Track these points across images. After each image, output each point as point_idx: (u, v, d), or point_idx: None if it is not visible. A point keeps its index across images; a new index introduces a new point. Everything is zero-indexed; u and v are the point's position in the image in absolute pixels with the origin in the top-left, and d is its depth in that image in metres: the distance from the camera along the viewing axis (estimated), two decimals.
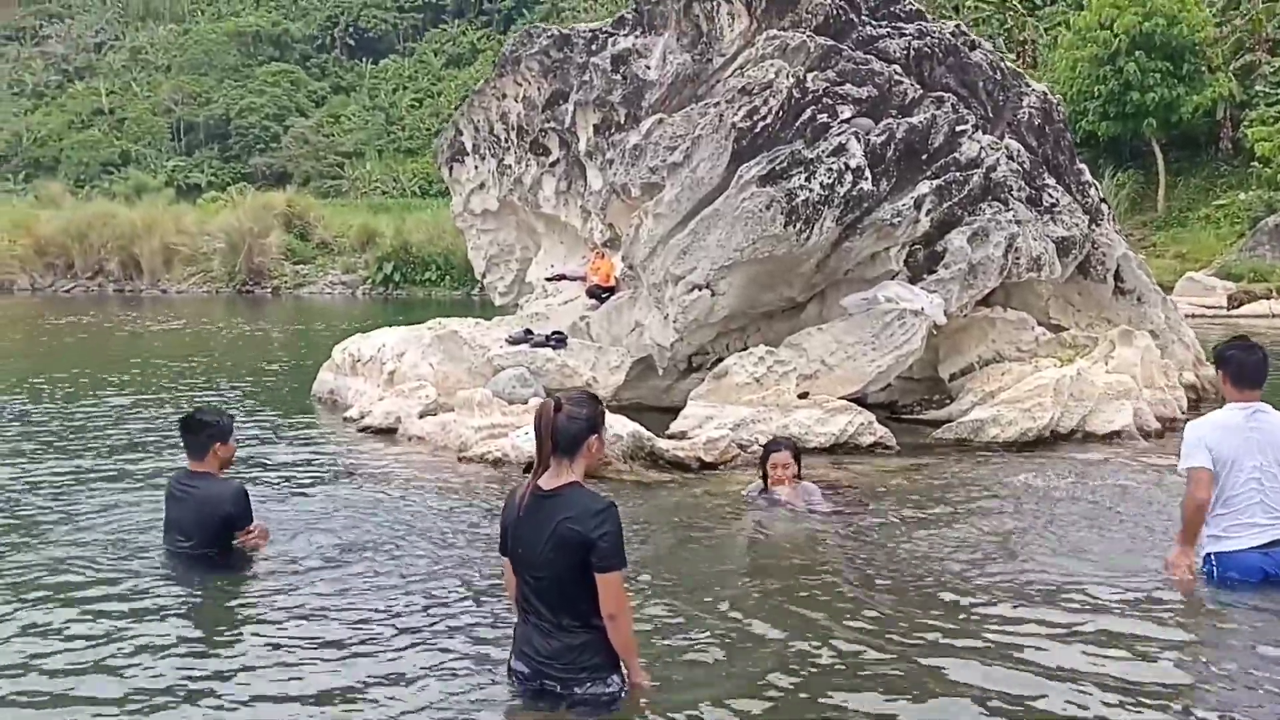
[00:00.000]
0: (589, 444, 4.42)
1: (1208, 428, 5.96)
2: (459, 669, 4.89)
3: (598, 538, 4.25)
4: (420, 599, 5.76)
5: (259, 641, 5.14)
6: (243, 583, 6.05)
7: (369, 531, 7.03)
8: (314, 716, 4.41)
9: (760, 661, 4.87)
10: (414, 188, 57.31)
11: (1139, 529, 7.01)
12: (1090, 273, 12.63)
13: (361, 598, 5.75)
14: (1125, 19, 32.83)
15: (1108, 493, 7.99)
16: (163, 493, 6.64)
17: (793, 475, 7.66)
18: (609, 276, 12.64)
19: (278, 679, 4.73)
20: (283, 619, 5.39)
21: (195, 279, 38.85)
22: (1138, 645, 4.97)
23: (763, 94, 10.69)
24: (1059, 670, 4.66)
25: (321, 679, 4.72)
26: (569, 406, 4.44)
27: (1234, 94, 33.81)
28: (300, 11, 77.88)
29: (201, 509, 6.26)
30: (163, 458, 9.44)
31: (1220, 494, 5.82)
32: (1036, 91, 12.87)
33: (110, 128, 70.26)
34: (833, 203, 10.43)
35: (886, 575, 6.13)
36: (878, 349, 10.65)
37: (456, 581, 6.07)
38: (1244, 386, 5.89)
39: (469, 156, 14.95)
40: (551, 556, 4.32)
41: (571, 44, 13.58)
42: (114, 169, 65.36)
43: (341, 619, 5.42)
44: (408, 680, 4.74)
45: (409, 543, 6.84)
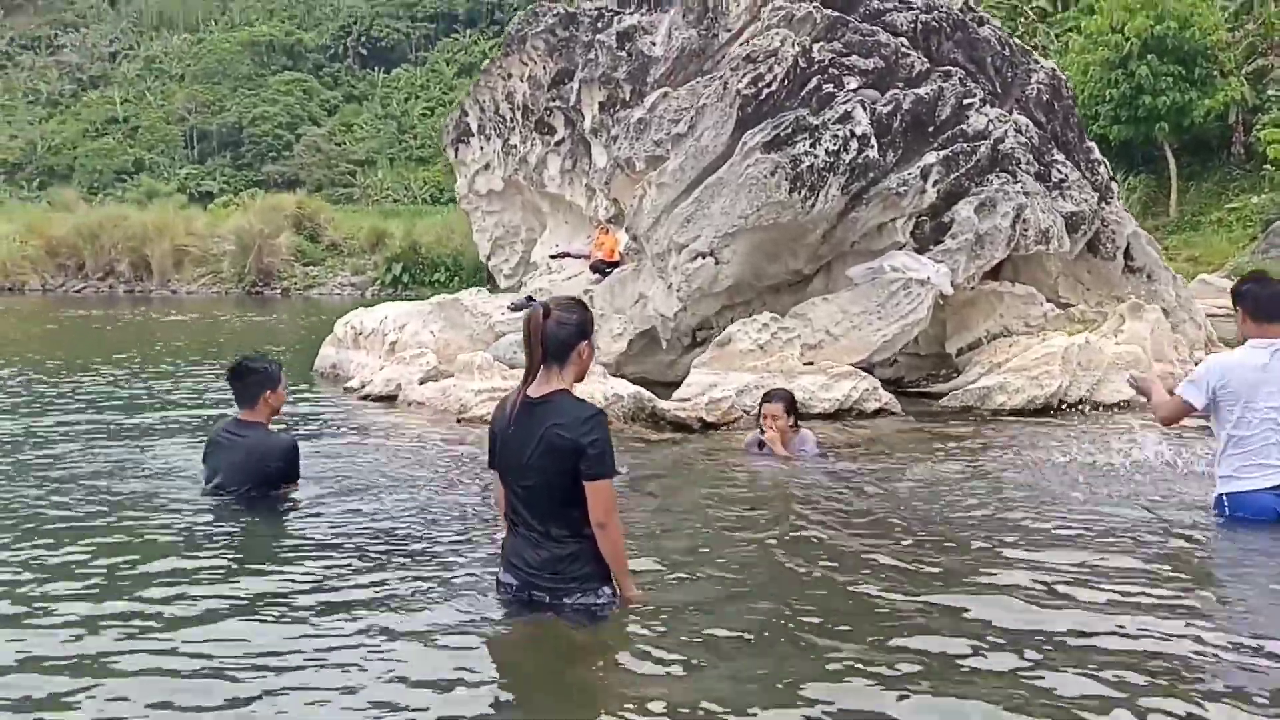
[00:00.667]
0: (579, 350, 4.32)
1: (1218, 364, 5.84)
2: (451, 586, 4.79)
3: (587, 444, 4.15)
4: (416, 528, 5.70)
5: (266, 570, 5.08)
6: (265, 519, 5.96)
7: (361, 479, 6.93)
8: (309, 623, 4.33)
9: (747, 598, 4.73)
10: (425, 195, 57.48)
11: (1144, 485, 6.85)
12: (1100, 250, 12.50)
13: (363, 527, 5.70)
14: (1137, 22, 32.73)
15: (1118, 450, 7.85)
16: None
17: (788, 425, 7.57)
18: (613, 252, 12.57)
19: (278, 595, 4.66)
20: (290, 555, 5.30)
21: (205, 280, 38.92)
22: (1147, 581, 4.82)
23: (768, 61, 10.61)
24: (1076, 604, 4.51)
25: (321, 595, 4.66)
26: (558, 312, 4.34)
27: (1246, 98, 33.65)
28: (314, 21, 78.38)
29: (250, 457, 6.09)
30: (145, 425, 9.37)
31: (1233, 433, 5.69)
32: (1045, 68, 12.78)
33: (124, 136, 70.65)
34: (838, 170, 10.33)
35: (869, 516, 6.05)
36: (884, 318, 10.54)
37: (453, 514, 6.01)
38: (1263, 319, 5.70)
39: (474, 137, 14.91)
40: (541, 464, 4.23)
41: (577, 22, 13.57)
42: (127, 177, 65.66)
43: (344, 543, 5.37)
44: (400, 598, 4.64)
45: (402, 484, 6.77)
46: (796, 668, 3.80)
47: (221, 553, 5.27)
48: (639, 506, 6.25)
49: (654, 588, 4.69)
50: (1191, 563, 5.26)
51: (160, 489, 6.52)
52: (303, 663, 3.89)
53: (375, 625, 4.26)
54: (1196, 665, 3.76)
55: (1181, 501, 6.25)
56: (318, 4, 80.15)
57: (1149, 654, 3.84)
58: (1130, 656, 3.81)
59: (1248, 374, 5.65)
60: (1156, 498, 6.41)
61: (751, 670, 3.80)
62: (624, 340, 10.92)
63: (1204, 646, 3.93)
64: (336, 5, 79.30)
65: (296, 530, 5.73)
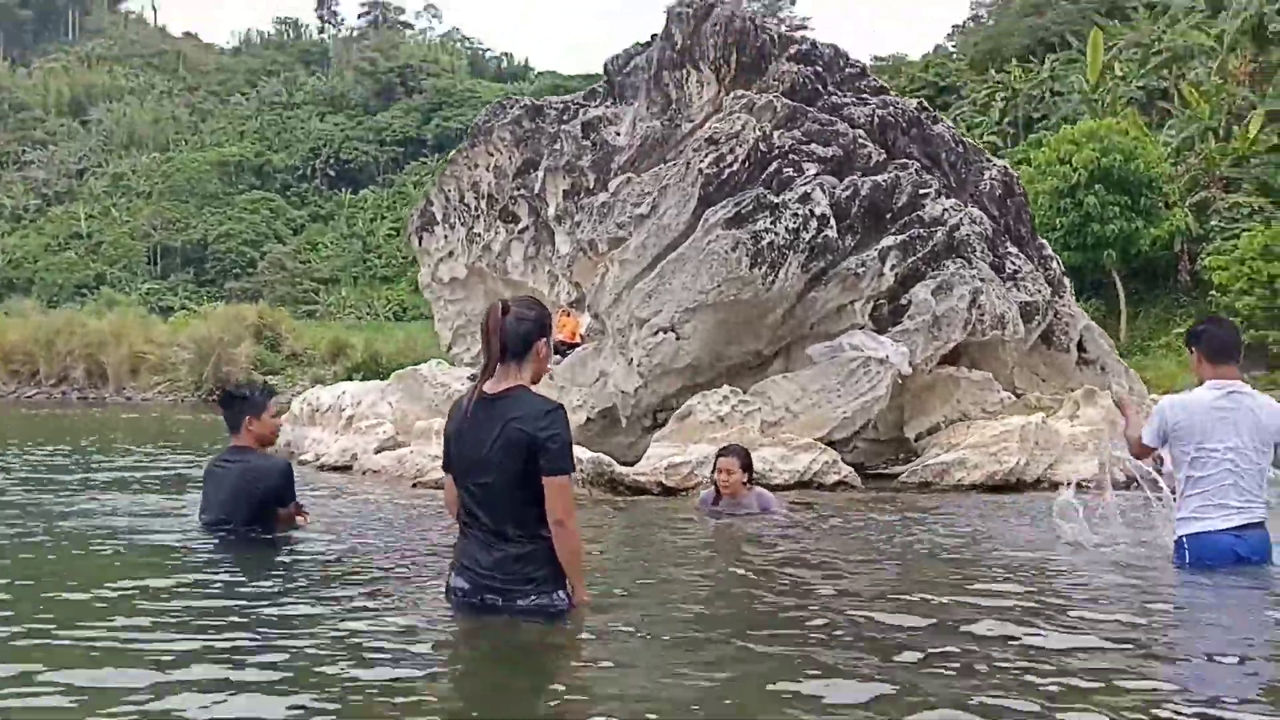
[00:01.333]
0: (537, 347, 4.27)
1: (1175, 405, 5.82)
2: (403, 596, 4.65)
3: (546, 438, 4.08)
4: (367, 554, 5.55)
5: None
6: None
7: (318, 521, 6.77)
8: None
9: (694, 613, 4.63)
10: (388, 313, 57.65)
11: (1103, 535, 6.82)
12: (1054, 342, 12.70)
13: (315, 552, 5.53)
14: (1084, 154, 33.92)
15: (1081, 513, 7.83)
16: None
17: (741, 481, 7.51)
18: (574, 334, 12.62)
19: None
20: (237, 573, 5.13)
21: (161, 387, 38.49)
22: (1106, 626, 4.64)
23: (729, 143, 10.88)
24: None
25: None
26: (517, 308, 4.32)
27: (1190, 228, 34.76)
28: (283, 143, 79.65)
29: (238, 483, 5.94)
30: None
31: (1190, 473, 5.66)
32: (998, 166, 13.19)
33: (87, 251, 70.71)
34: (798, 248, 10.51)
35: (820, 556, 5.98)
36: (843, 396, 10.59)
37: (401, 545, 5.87)
38: (1218, 361, 5.70)
39: (439, 226, 15.05)
40: (498, 459, 4.13)
41: (543, 114, 13.87)
42: (87, 291, 65.46)
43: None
44: (353, 611, 4.50)
45: (356, 524, 6.62)
46: (740, 673, 3.65)
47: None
48: (591, 549, 6.12)
49: (604, 605, 4.58)
50: (1143, 608, 5.14)
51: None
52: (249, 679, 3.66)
53: (325, 636, 4.08)
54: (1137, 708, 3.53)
55: (1142, 549, 6.21)
56: (288, 126, 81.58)
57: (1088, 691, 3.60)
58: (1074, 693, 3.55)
59: (1203, 414, 5.66)
60: (1117, 544, 6.38)
61: (699, 675, 3.65)
62: (583, 414, 10.87)
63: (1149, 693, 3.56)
64: (307, 128, 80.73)
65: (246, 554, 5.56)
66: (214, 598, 4.67)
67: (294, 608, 4.54)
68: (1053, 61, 47.80)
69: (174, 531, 6.26)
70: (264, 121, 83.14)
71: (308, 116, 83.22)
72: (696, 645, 3.96)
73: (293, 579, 5.11)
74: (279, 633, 4.08)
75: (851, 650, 3.81)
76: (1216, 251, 32.67)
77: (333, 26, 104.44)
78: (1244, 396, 5.65)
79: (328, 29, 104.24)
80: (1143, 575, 5.59)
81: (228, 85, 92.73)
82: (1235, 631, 4.47)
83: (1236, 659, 3.95)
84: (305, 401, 12.65)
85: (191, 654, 3.65)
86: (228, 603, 4.56)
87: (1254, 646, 4.21)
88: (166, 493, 8.61)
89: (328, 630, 4.10)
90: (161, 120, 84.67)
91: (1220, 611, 4.87)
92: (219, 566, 5.47)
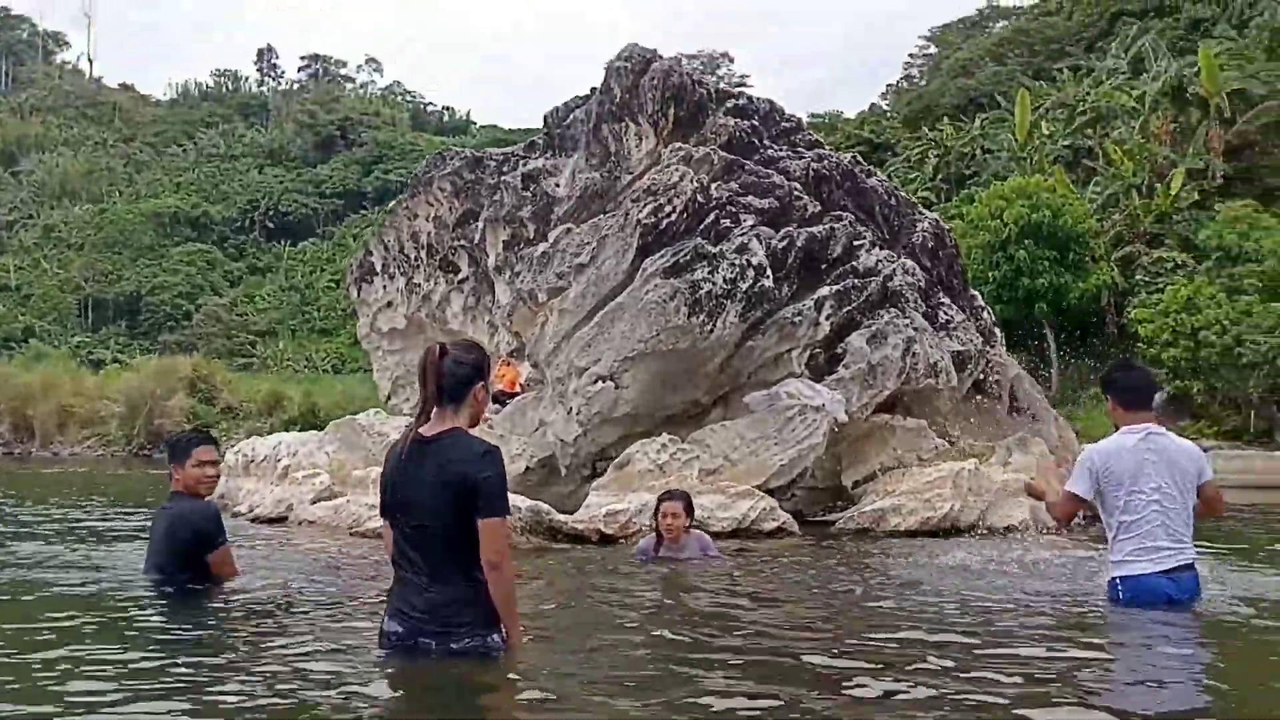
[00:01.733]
0: (474, 391, 4.29)
1: (1098, 454, 5.97)
2: (335, 643, 4.60)
3: (482, 479, 4.08)
4: (301, 598, 5.47)
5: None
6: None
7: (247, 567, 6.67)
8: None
9: (627, 654, 4.64)
10: (327, 365, 56.98)
11: (1037, 578, 6.95)
12: (986, 390, 12.95)
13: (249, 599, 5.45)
14: (1014, 210, 34.77)
15: (1014, 563, 7.95)
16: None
17: (684, 526, 7.56)
18: (514, 383, 12.62)
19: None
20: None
21: (90, 441, 37.60)
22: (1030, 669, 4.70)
23: (668, 194, 11.03)
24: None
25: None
26: (455, 351, 4.34)
27: (1116, 282, 35.69)
28: (221, 195, 78.84)
29: (165, 531, 5.84)
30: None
31: (1122, 518, 5.76)
32: (929, 218, 13.49)
33: (15, 303, 69.15)
34: (735, 297, 10.64)
35: (760, 600, 6.01)
36: (780, 444, 10.68)
37: (339, 587, 5.80)
38: (1133, 408, 5.88)
39: (378, 276, 15.01)
40: (433, 502, 4.13)
41: (484, 165, 13.94)
42: (15, 344, 63.94)
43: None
44: (283, 656, 4.44)
45: (285, 569, 6.53)
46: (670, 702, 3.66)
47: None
48: (529, 592, 6.11)
49: (543, 647, 4.57)
50: (1078, 643, 5.25)
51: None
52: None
53: (255, 682, 4.03)
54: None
55: (1073, 591, 6.33)
56: (226, 178, 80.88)
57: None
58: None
59: (1126, 457, 5.80)
60: (1053, 588, 6.49)
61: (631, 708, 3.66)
62: (522, 463, 10.84)
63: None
64: (245, 180, 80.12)
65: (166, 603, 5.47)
66: (140, 647, 4.58)
67: (222, 655, 4.47)
68: (983, 120, 49.09)
69: (96, 583, 6.14)
70: (201, 173, 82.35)
71: (246, 169, 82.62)
72: (640, 685, 3.96)
73: (221, 626, 5.03)
74: (208, 678, 4.01)
75: (797, 687, 3.83)
76: (1142, 305, 33.54)
77: (272, 79, 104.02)
78: (1161, 439, 5.82)
79: (267, 82, 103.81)
80: (1080, 614, 5.70)
81: (164, 137, 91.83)
82: (1166, 665, 4.58)
83: (1169, 691, 4.05)
84: (240, 453, 12.47)
85: (119, 700, 3.58)
86: (153, 651, 4.48)
87: (1186, 680, 4.31)
88: (87, 544, 8.44)
89: (256, 677, 4.05)
90: (95, 171, 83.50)
91: (1152, 647, 4.98)
92: (148, 615, 5.37)
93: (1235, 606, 5.76)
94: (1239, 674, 4.37)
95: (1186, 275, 32.66)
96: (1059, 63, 51.81)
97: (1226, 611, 5.63)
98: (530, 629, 4.88)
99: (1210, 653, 4.88)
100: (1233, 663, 4.61)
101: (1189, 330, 29.10)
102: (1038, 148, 41.42)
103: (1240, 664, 4.59)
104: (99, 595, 5.80)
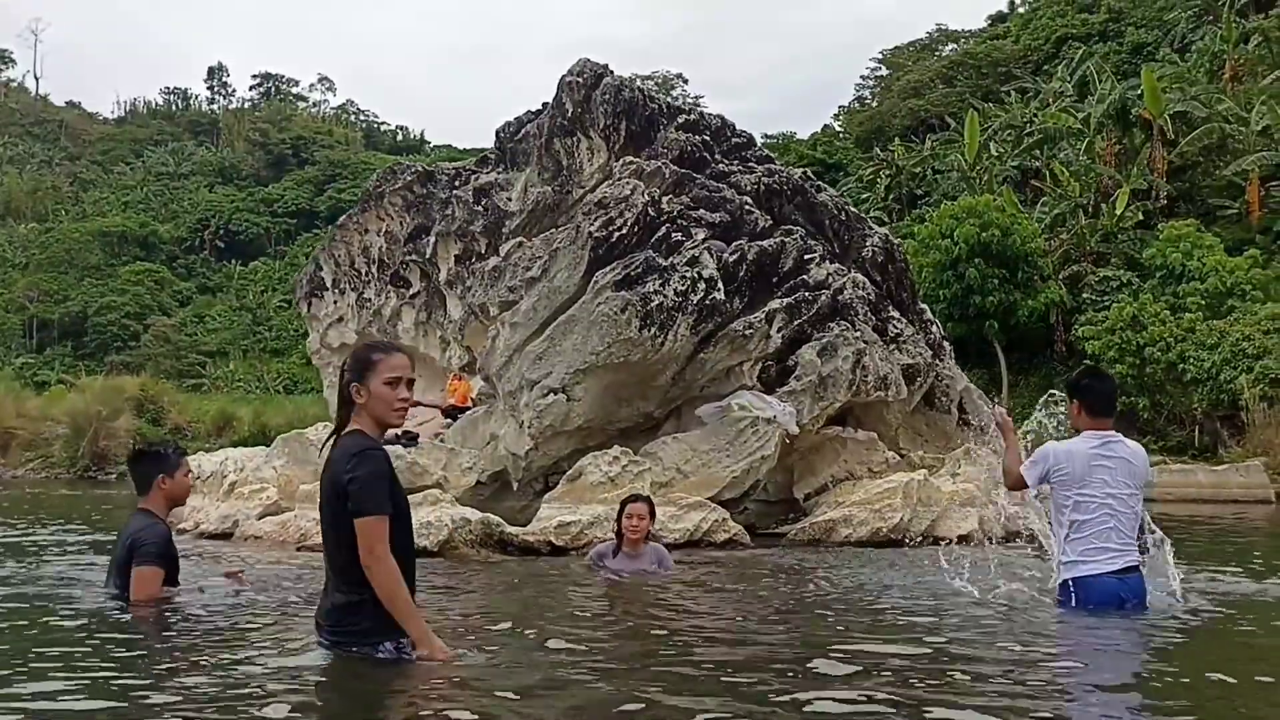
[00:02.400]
0: (355, 389, 4.17)
1: (1060, 452, 5.96)
2: (278, 650, 4.53)
3: (347, 480, 3.99)
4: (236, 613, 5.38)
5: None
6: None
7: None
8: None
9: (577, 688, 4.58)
10: (278, 386, 56.34)
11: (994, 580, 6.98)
12: (935, 403, 13.06)
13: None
14: (964, 229, 35.21)
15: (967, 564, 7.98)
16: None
17: (647, 529, 7.54)
18: (465, 397, 12.54)
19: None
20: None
21: (34, 464, 36.80)
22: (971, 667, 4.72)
23: (619, 207, 11.04)
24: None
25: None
26: (349, 362, 4.34)
27: (1064, 300, 36.21)
28: (170, 214, 77.83)
29: (123, 543, 5.71)
30: None
31: (1073, 517, 5.84)
32: (879, 233, 13.61)
33: None
34: (687, 310, 10.66)
35: (710, 610, 5.99)
36: (732, 455, 10.70)
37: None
38: (1098, 414, 5.99)
39: (328, 291, 14.89)
40: (324, 508, 4.15)
41: (435, 180, 13.90)
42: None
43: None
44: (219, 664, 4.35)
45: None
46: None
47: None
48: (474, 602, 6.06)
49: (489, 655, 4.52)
50: (1035, 647, 5.26)
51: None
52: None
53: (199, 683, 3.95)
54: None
55: (1029, 596, 6.35)
56: (176, 197, 79.90)
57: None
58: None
59: (1083, 460, 5.87)
60: (1007, 586, 6.52)
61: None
62: (473, 476, 10.76)
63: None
64: (195, 199, 79.19)
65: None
66: (88, 657, 4.48)
67: (158, 664, 4.38)
68: (933, 141, 49.74)
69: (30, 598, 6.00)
70: (150, 192, 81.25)
71: (196, 187, 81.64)
72: (570, 693, 3.92)
73: (163, 639, 4.92)
74: (141, 692, 3.92)
75: (733, 699, 3.80)
76: (1089, 322, 34.04)
77: (223, 97, 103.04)
78: (1119, 445, 5.94)
79: (218, 100, 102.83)
80: (1029, 617, 5.74)
81: (112, 155, 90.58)
82: (1117, 666, 4.62)
83: (1122, 690, 4.08)
84: None
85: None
86: (99, 662, 4.38)
87: (1137, 680, 4.34)
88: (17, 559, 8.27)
89: (195, 692, 3.96)
90: (40, 190, 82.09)
91: (1104, 649, 5.02)
92: (96, 628, 5.26)
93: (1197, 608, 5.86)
94: (1194, 674, 4.41)
95: (1131, 293, 33.22)
96: (1007, 85, 52.67)
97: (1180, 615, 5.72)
98: (470, 637, 4.83)
99: (1161, 655, 4.92)
100: (1187, 663, 4.66)
101: (1134, 347, 29.59)
102: (987, 168, 42.03)
103: (1192, 663, 4.65)
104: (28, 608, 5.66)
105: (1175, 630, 5.38)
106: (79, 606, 5.75)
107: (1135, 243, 37.06)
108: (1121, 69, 46.16)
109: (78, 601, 5.91)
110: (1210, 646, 5.22)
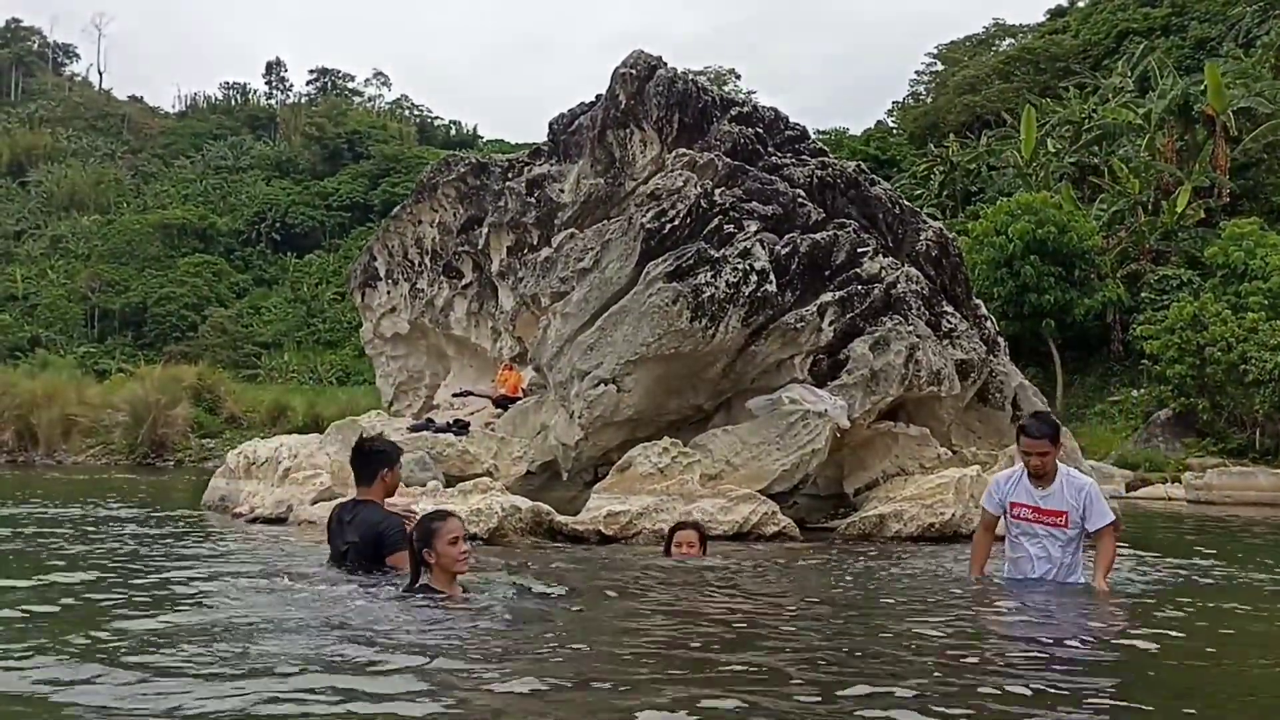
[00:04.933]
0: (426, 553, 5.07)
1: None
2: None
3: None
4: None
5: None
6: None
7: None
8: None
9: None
10: (331, 377, 57.00)
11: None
12: (989, 399, 12.90)
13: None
14: (1020, 226, 34.77)
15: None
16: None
17: (698, 556, 7.49)
18: (516, 388, 12.60)
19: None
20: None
21: (94, 451, 37.53)
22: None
23: (671, 199, 11.03)
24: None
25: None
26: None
27: (1122, 299, 35.65)
28: (228, 207, 79.02)
29: (363, 531, 6.09)
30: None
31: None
32: (934, 227, 13.45)
33: (22, 313, 69.25)
34: (738, 301, 10.63)
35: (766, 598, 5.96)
36: (782, 448, 10.65)
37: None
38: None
39: (382, 281, 15.03)
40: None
41: (488, 171, 13.98)
42: (21, 354, 64.02)
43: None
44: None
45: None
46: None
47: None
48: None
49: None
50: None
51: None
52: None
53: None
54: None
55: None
56: (233, 190, 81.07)
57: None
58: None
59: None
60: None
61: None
62: (523, 465, 10.81)
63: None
64: (253, 192, 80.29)
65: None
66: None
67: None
68: (988, 137, 49.20)
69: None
70: (209, 185, 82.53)
71: (253, 181, 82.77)
72: (621, 683, 3.93)
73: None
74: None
75: (782, 687, 3.78)
76: (1147, 322, 33.48)
77: (281, 93, 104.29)
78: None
79: (276, 95, 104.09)
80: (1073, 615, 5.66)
81: (172, 149, 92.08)
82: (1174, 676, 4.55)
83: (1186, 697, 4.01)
84: (241, 454, 12.45)
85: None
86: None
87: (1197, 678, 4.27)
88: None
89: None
90: (103, 182, 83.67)
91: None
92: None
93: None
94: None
95: (1192, 292, 32.61)
96: (1065, 80, 51.93)
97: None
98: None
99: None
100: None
101: (1195, 347, 29.02)
102: (1043, 164, 41.48)
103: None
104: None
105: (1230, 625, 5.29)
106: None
107: (1196, 241, 36.38)
108: (1184, 64, 45.36)
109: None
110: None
